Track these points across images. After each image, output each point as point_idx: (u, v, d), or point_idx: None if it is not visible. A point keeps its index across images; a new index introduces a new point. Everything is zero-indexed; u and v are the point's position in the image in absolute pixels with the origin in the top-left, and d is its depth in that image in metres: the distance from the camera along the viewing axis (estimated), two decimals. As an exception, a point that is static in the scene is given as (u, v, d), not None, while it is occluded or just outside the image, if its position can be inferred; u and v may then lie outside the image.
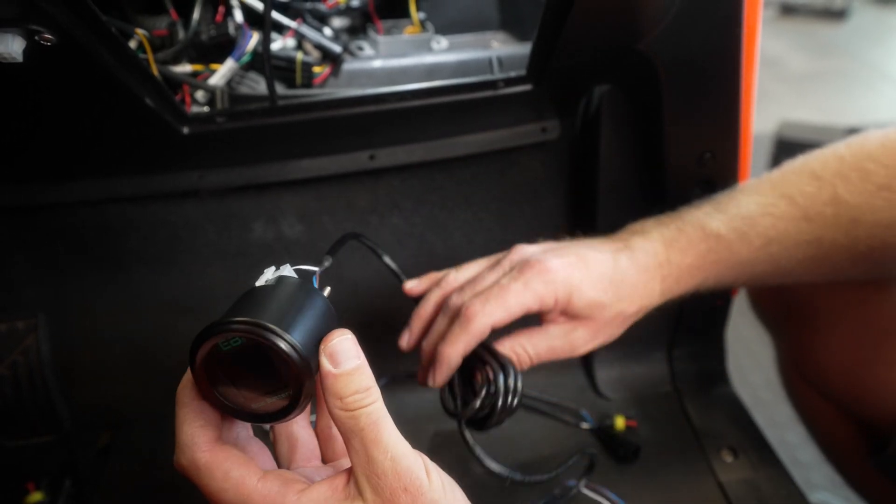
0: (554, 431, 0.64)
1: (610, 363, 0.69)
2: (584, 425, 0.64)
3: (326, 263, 0.36)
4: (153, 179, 0.59)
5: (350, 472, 0.32)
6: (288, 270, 0.35)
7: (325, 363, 0.31)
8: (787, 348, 0.65)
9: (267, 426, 0.36)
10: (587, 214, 0.65)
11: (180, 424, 0.32)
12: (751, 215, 0.48)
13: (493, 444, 0.62)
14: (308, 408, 0.38)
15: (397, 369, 0.68)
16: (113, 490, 0.58)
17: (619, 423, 0.63)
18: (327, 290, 0.37)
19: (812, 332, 0.58)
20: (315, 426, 0.40)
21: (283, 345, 0.29)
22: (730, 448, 0.61)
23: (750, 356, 1.02)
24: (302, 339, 0.30)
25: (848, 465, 0.62)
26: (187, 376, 0.32)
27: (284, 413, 0.31)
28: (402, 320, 0.69)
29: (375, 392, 0.32)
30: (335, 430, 0.37)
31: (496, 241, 0.67)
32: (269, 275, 0.34)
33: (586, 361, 0.71)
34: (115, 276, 0.64)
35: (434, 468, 0.33)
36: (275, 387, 0.31)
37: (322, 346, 0.32)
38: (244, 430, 0.35)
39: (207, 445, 0.31)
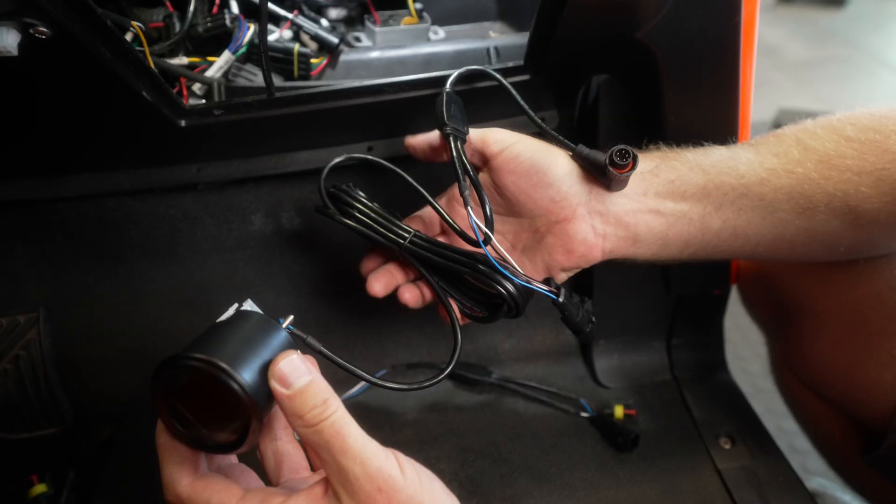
0: (554, 420, 0.64)
1: (609, 353, 0.70)
2: (584, 414, 0.64)
3: (291, 318, 0.38)
4: (152, 173, 0.59)
5: (328, 480, 0.33)
6: (249, 305, 0.37)
7: (276, 387, 0.32)
8: (779, 347, 0.65)
9: (233, 454, 0.37)
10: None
11: (161, 464, 0.34)
12: (708, 149, 0.48)
13: (494, 433, 0.62)
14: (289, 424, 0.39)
15: (397, 359, 0.68)
16: (115, 482, 0.58)
17: (619, 411, 0.63)
18: (289, 320, 0.37)
19: (804, 331, 0.58)
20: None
21: (221, 375, 0.31)
22: (728, 435, 0.62)
23: (748, 345, 1.02)
24: (250, 368, 0.32)
25: (841, 462, 0.62)
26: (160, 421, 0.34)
27: (240, 442, 0.33)
28: (402, 311, 0.69)
29: (334, 402, 0.32)
30: None
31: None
32: (231, 311, 0.36)
33: (585, 351, 0.71)
34: (115, 269, 0.64)
35: (408, 463, 0.33)
36: (232, 418, 0.32)
37: (270, 372, 0.32)
38: (227, 456, 0.37)
39: (186, 480, 0.33)
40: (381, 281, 0.49)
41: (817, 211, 0.45)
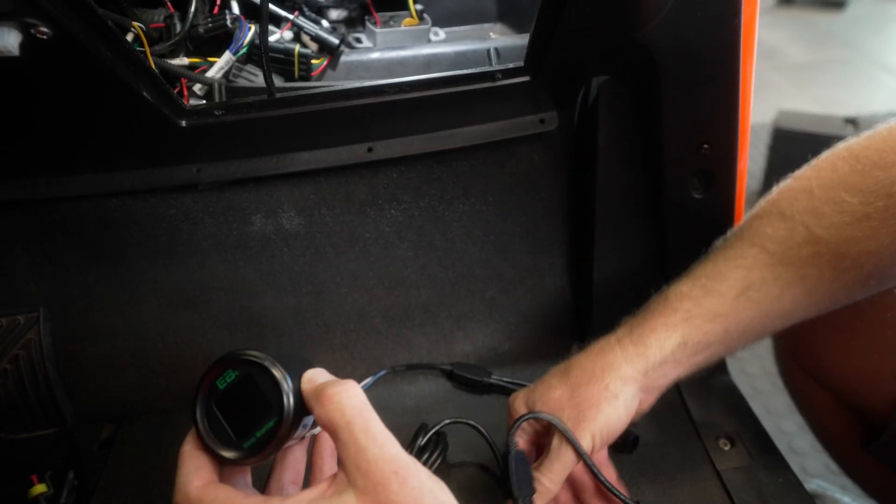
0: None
1: (608, 353, 0.70)
2: (583, 415, 0.64)
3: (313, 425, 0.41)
4: (152, 173, 0.59)
5: (335, 475, 0.34)
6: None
7: (306, 385, 0.36)
8: (783, 337, 0.65)
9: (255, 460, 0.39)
10: (585, 205, 0.66)
11: (179, 469, 0.36)
12: (719, 271, 0.47)
13: (493, 435, 0.62)
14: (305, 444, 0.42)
15: (396, 360, 0.68)
16: (115, 481, 0.58)
17: (618, 412, 0.63)
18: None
19: (808, 321, 0.59)
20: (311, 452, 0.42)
21: (275, 371, 0.35)
22: (727, 437, 0.62)
23: (748, 347, 1.03)
24: (294, 378, 0.36)
25: (843, 452, 0.62)
26: (192, 432, 0.37)
27: (264, 445, 0.35)
28: (400, 312, 0.69)
29: (358, 388, 0.34)
30: (325, 456, 0.41)
31: (495, 233, 0.67)
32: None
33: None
34: (115, 269, 0.64)
35: (418, 463, 0.35)
36: (260, 423, 0.35)
37: (302, 379, 0.37)
38: (242, 478, 0.38)
39: (199, 482, 0.35)
40: None
41: (833, 295, 0.46)
